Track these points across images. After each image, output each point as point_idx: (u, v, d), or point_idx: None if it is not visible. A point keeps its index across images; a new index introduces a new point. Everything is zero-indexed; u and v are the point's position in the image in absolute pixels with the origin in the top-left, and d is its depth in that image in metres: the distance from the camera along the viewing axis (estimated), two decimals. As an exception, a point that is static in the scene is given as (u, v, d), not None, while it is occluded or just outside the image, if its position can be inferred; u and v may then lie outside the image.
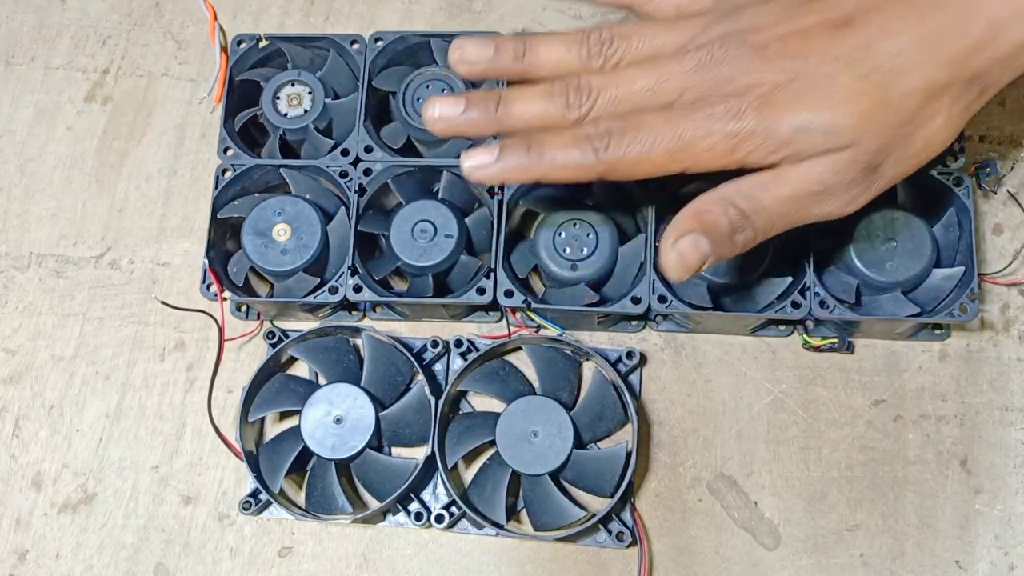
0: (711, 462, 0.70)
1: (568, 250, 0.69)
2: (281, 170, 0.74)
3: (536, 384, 0.70)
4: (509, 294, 0.68)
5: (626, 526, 0.67)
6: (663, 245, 0.54)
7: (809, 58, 0.51)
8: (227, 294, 0.72)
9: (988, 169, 0.70)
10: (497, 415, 0.68)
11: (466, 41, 0.57)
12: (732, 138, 0.52)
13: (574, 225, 0.69)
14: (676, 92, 0.54)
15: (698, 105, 0.53)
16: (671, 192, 0.66)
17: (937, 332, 0.70)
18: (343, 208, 0.73)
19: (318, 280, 0.71)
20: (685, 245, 0.53)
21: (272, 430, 0.74)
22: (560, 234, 0.69)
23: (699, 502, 0.69)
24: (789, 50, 0.52)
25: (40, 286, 0.80)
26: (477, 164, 0.55)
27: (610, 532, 0.67)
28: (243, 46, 0.78)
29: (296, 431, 0.69)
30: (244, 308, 0.76)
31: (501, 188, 0.71)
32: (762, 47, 0.52)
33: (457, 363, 0.71)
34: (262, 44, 0.78)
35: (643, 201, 0.68)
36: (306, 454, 0.69)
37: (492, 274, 0.69)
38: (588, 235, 0.69)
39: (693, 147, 0.53)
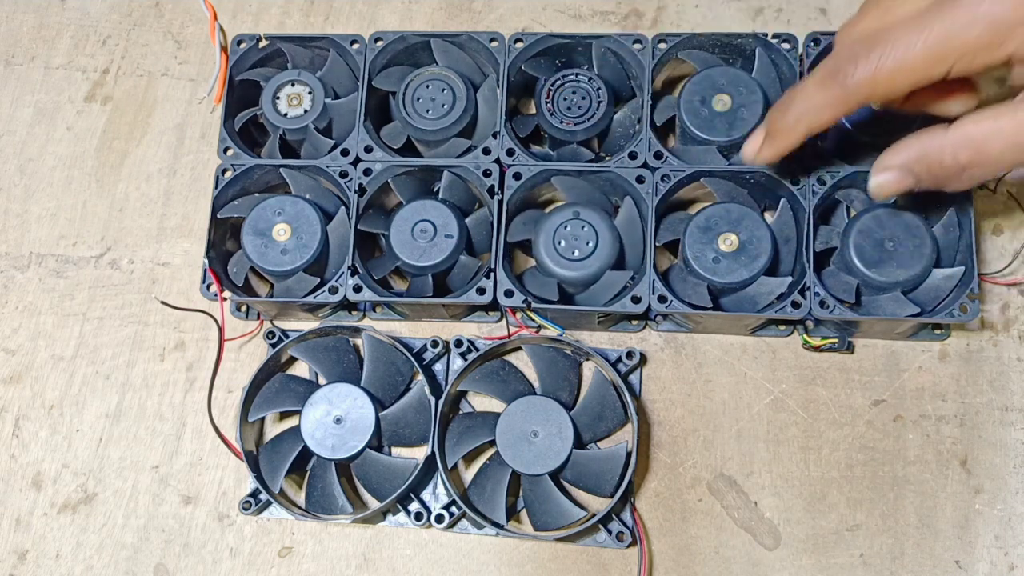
0: (711, 462, 0.70)
1: (570, 249, 0.68)
2: (281, 170, 0.74)
3: (536, 384, 0.70)
4: (509, 294, 0.68)
5: (626, 526, 0.67)
6: (876, 164, 0.57)
7: None
8: (227, 294, 0.72)
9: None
10: (497, 415, 0.68)
11: None
12: (998, 24, 0.48)
13: (574, 225, 0.69)
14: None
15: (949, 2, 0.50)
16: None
17: (937, 332, 0.70)
18: (343, 208, 0.73)
19: (318, 280, 0.71)
20: (890, 178, 0.57)
21: (272, 430, 0.74)
22: (561, 231, 0.69)
23: (699, 502, 0.69)
24: None
25: (40, 286, 0.80)
26: (753, 150, 0.61)
27: (610, 532, 0.67)
28: (243, 46, 0.78)
29: (296, 431, 0.69)
30: (244, 308, 0.76)
31: (501, 188, 0.71)
32: None
33: (457, 363, 0.71)
34: (262, 44, 0.78)
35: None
36: (306, 454, 0.69)
37: (492, 274, 0.69)
38: (586, 230, 0.68)
39: (952, 41, 0.49)
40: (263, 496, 0.69)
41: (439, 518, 0.68)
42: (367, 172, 0.72)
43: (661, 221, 0.70)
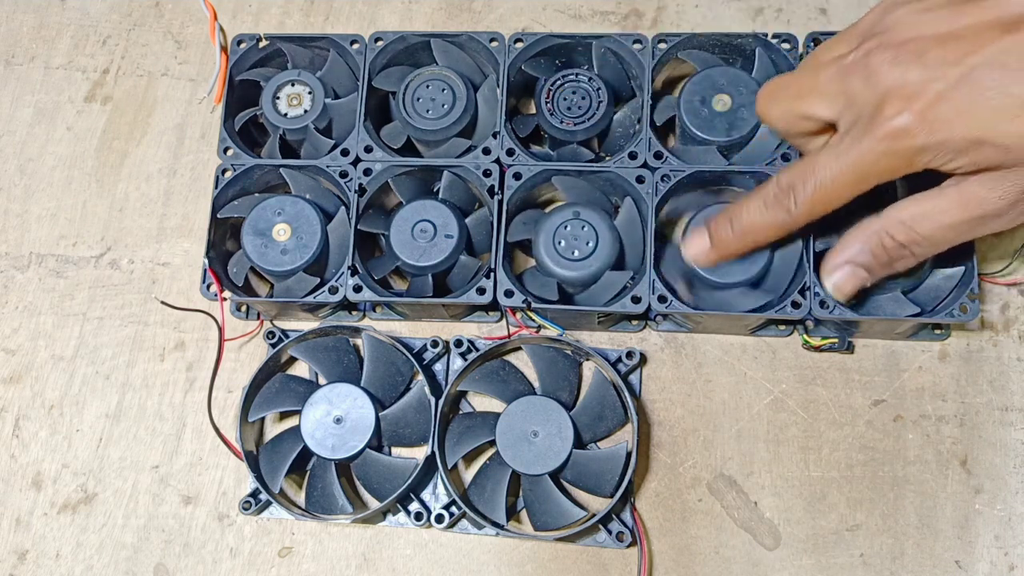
0: (711, 462, 0.70)
1: (570, 249, 0.68)
2: (281, 170, 0.74)
3: (536, 384, 0.70)
4: (509, 294, 0.68)
5: (626, 526, 0.67)
6: (823, 267, 0.60)
7: (975, 63, 0.48)
8: (227, 294, 0.72)
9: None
10: (497, 415, 0.68)
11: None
12: (901, 155, 0.51)
13: (574, 225, 0.69)
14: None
15: (861, 128, 0.52)
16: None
17: (937, 332, 0.70)
18: (343, 208, 0.73)
19: (318, 280, 0.71)
20: (842, 276, 0.60)
21: (272, 430, 0.74)
22: (561, 231, 0.69)
23: (699, 502, 0.69)
24: (949, 55, 0.49)
25: (40, 286, 0.80)
26: (697, 253, 0.64)
27: (610, 532, 0.67)
28: (243, 46, 0.78)
29: (296, 431, 0.69)
30: (244, 308, 0.76)
31: (501, 188, 0.71)
32: (919, 53, 0.50)
33: (457, 363, 0.71)
34: (262, 44, 0.78)
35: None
36: (306, 454, 0.69)
37: (492, 274, 0.69)
38: (586, 230, 0.68)
39: (868, 169, 0.53)
40: (263, 496, 0.69)
41: (439, 518, 0.68)
42: (367, 172, 0.72)
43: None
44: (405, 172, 0.73)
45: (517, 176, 0.71)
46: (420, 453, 0.70)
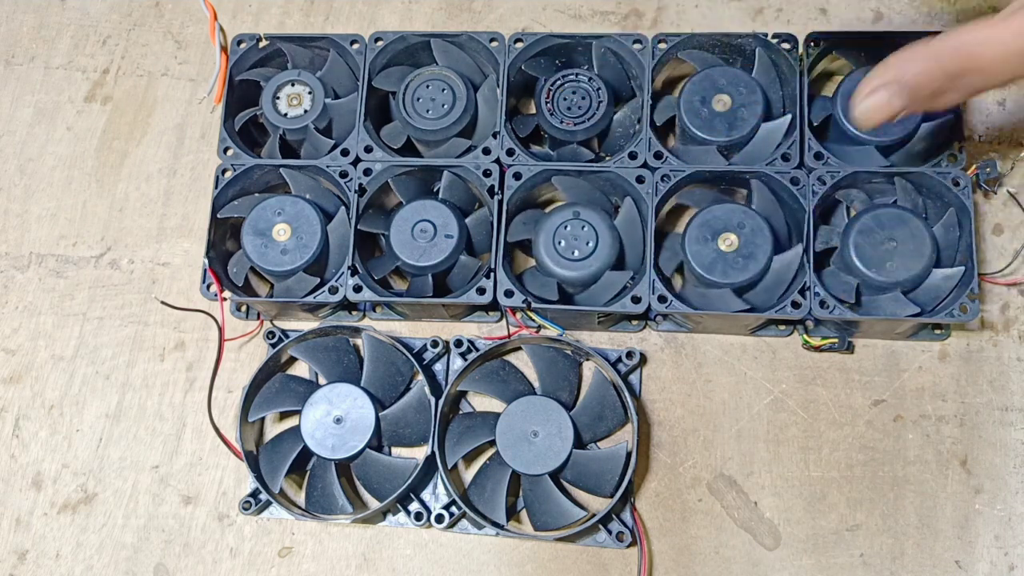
0: (711, 462, 0.70)
1: (570, 249, 0.68)
2: (281, 170, 0.74)
3: (536, 384, 0.70)
4: (509, 294, 0.68)
5: (626, 526, 0.67)
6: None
7: None
8: (227, 294, 0.72)
9: (988, 169, 0.70)
10: (497, 415, 0.68)
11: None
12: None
13: (574, 225, 0.69)
14: None
15: None
16: None
17: (937, 332, 0.70)
18: (343, 208, 0.73)
19: (318, 280, 0.71)
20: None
21: (272, 430, 0.74)
22: (561, 231, 0.69)
23: (699, 502, 0.69)
24: None
25: (40, 286, 0.80)
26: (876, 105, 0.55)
27: (610, 532, 0.67)
28: (243, 46, 0.78)
29: (296, 431, 0.69)
30: (244, 308, 0.76)
31: (501, 188, 0.71)
32: None
33: (457, 363, 0.71)
34: (262, 44, 0.78)
35: None
36: (306, 454, 0.69)
37: (492, 274, 0.69)
38: (586, 230, 0.68)
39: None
40: (263, 496, 0.69)
41: (439, 518, 0.68)
42: (367, 172, 0.72)
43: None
44: (405, 172, 0.73)
45: (517, 176, 0.71)
46: (420, 453, 0.70)
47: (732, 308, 0.66)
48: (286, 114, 0.76)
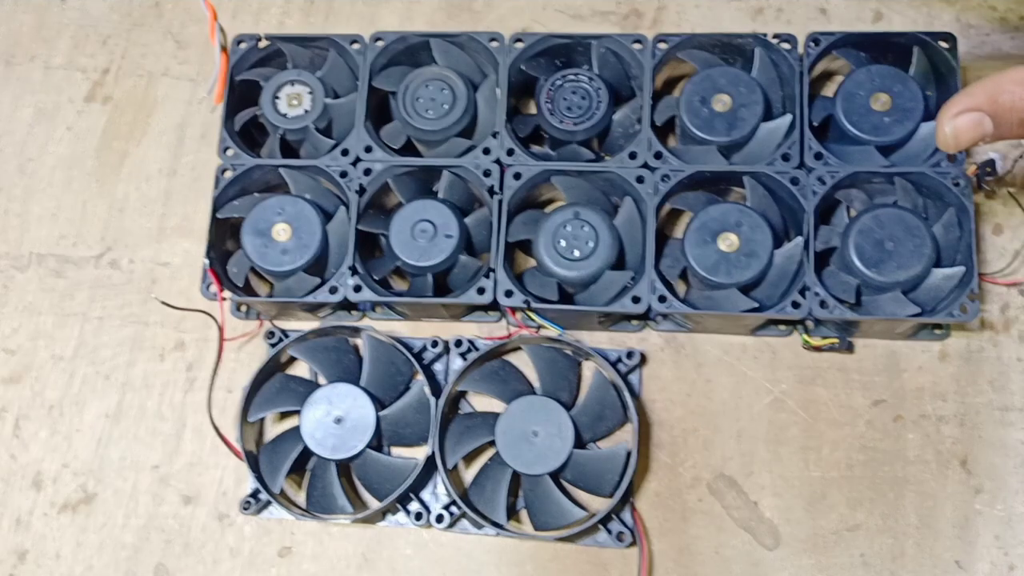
0: (711, 462, 0.70)
1: (570, 249, 0.68)
2: (281, 170, 0.74)
3: (536, 384, 0.70)
4: (509, 294, 0.68)
5: (626, 526, 0.67)
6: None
7: None
8: (227, 294, 0.72)
9: (988, 169, 0.70)
10: (497, 415, 0.68)
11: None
12: None
13: (574, 225, 0.69)
14: None
15: None
16: None
17: (937, 332, 0.70)
18: (343, 208, 0.73)
19: (318, 280, 0.71)
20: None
21: (272, 430, 0.74)
22: (561, 231, 0.69)
23: (699, 502, 0.69)
24: None
25: (40, 286, 0.80)
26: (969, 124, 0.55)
27: (610, 532, 0.67)
28: (243, 46, 0.78)
29: (296, 431, 0.69)
30: (244, 308, 0.76)
31: (501, 188, 0.71)
32: None
33: (457, 363, 0.71)
34: (262, 44, 0.78)
35: None
36: (306, 454, 0.69)
37: (492, 274, 0.69)
38: (586, 230, 0.68)
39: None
40: (263, 496, 0.69)
41: (439, 518, 0.68)
42: (367, 172, 0.72)
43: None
44: (405, 172, 0.73)
45: (517, 176, 0.71)
46: (420, 453, 0.70)
47: (740, 307, 0.66)
48: (286, 114, 0.76)
